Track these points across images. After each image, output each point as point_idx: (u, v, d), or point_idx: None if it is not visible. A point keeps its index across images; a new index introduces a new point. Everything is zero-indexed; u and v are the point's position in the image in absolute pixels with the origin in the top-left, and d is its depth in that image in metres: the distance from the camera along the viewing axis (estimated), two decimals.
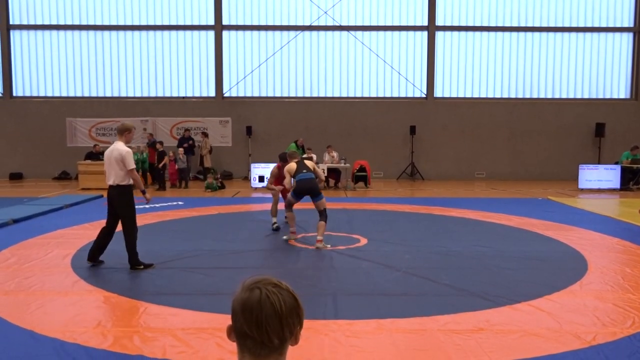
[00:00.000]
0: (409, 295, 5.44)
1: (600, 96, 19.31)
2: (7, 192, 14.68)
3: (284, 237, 8.22)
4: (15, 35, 19.14)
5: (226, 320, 1.40)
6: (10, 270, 6.23)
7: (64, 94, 19.24)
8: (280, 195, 9.14)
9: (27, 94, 19.29)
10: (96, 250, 6.52)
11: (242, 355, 1.39)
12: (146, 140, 17.49)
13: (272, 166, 15.66)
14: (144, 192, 6.67)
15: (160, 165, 15.37)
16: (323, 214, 7.73)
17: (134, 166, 6.39)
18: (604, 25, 19.06)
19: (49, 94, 19.26)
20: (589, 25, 19.05)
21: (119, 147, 6.37)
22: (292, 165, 7.96)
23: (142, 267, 6.38)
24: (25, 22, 19.06)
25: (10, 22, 19.01)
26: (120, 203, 6.39)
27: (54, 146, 18.77)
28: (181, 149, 16.27)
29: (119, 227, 6.50)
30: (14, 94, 19.24)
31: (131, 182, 6.43)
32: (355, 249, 7.52)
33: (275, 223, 8.96)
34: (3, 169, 18.72)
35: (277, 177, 8.94)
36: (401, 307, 4.99)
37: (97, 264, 6.51)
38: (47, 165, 18.75)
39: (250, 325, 1.34)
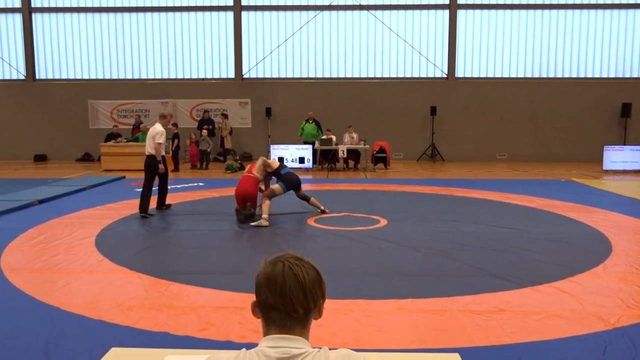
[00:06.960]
0: (429, 275, 5.43)
1: (627, 75, 18.81)
2: (32, 174, 14.96)
3: (252, 224, 7.73)
4: (37, 18, 19.31)
5: (248, 298, 1.42)
6: (36, 249, 6.38)
7: (86, 77, 19.41)
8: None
9: (50, 76, 19.50)
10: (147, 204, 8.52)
11: (268, 329, 1.41)
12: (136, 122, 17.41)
13: (291, 147, 15.92)
14: (159, 162, 8.61)
15: (174, 147, 15.45)
16: (306, 196, 8.70)
17: (160, 141, 8.51)
18: (631, 2, 18.49)
19: (71, 77, 19.44)
20: (615, 2, 18.50)
21: (156, 126, 8.70)
22: (275, 162, 8.67)
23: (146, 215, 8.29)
24: (46, 5, 19.21)
25: (32, 5, 19.18)
26: (154, 166, 8.61)
27: (77, 128, 19.01)
28: (205, 131, 16.33)
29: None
30: (37, 77, 19.48)
31: (162, 152, 8.66)
32: (375, 229, 7.51)
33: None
34: (27, 150, 19.04)
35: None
36: (421, 288, 4.98)
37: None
38: (70, 147, 19.02)
39: (275, 296, 1.36)
